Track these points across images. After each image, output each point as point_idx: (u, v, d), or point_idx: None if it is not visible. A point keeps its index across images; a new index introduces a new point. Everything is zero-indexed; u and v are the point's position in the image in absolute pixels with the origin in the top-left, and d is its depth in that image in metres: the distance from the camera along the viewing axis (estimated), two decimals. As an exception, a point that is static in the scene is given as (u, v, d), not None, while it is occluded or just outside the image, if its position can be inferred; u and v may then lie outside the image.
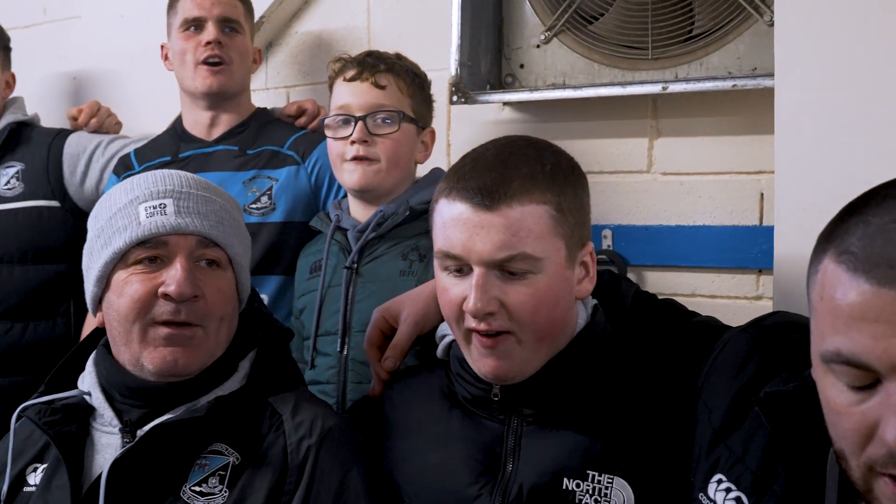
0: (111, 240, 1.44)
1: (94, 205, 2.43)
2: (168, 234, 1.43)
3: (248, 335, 1.55)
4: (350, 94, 2.00)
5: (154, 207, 1.44)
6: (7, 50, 2.62)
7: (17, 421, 1.48)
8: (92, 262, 1.48)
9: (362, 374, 1.92)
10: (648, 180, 2.18)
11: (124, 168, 2.41)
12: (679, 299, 1.60)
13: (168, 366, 1.42)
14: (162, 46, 2.40)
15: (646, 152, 2.18)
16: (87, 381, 1.50)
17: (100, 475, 1.39)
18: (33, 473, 1.47)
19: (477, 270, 1.35)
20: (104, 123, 2.63)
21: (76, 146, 2.55)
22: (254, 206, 2.25)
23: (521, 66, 2.29)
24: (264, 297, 2.22)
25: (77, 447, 1.45)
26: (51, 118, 2.74)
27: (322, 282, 2.04)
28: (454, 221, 1.37)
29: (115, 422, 1.45)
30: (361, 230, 2.01)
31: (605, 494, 1.35)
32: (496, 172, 1.36)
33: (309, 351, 2.05)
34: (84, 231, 2.44)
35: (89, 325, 2.43)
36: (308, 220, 2.21)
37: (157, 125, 2.57)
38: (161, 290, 1.41)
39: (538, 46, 2.26)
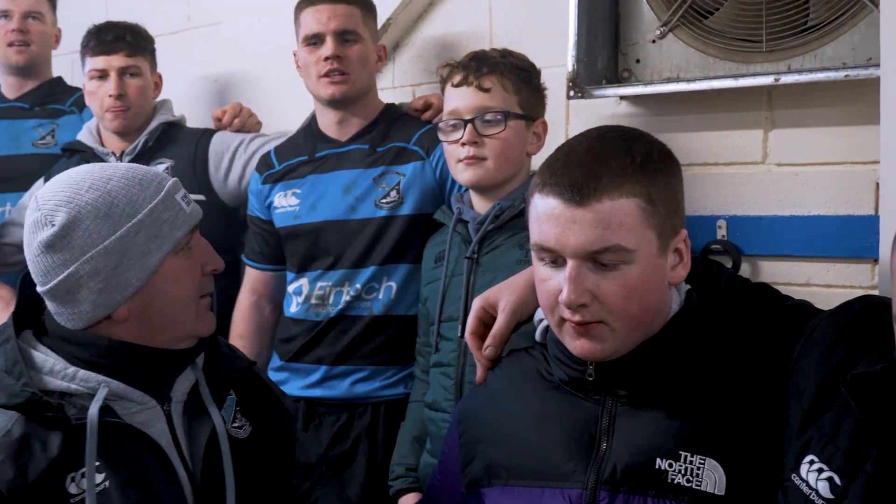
0: (161, 231, 1.52)
1: (237, 199, 2.64)
2: (198, 218, 1.61)
3: None
4: (458, 99, 2.10)
5: (184, 196, 1.59)
6: (153, 53, 2.79)
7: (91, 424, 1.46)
8: (130, 258, 1.50)
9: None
10: (763, 171, 2.19)
11: (266, 166, 2.56)
12: (793, 289, 1.63)
13: (213, 327, 1.63)
14: (294, 53, 2.53)
15: (760, 143, 2.19)
16: (81, 377, 1.49)
17: (177, 447, 1.55)
18: (73, 483, 1.43)
19: (570, 263, 1.39)
20: (245, 123, 2.80)
21: (220, 144, 2.72)
22: (383, 200, 2.38)
23: (637, 60, 2.34)
24: (392, 285, 2.37)
25: (128, 434, 1.49)
26: (195, 119, 2.92)
27: (445, 271, 2.15)
28: (547, 216, 1.41)
29: (146, 398, 1.54)
30: (481, 222, 2.11)
31: (697, 475, 1.37)
32: (586, 168, 1.39)
33: (434, 336, 2.16)
34: (226, 224, 2.65)
35: (236, 319, 2.62)
36: (434, 213, 2.32)
37: (293, 123, 2.73)
38: (209, 268, 1.60)
39: (654, 41, 2.30)
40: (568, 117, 2.47)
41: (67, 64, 3.41)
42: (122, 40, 2.69)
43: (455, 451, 1.65)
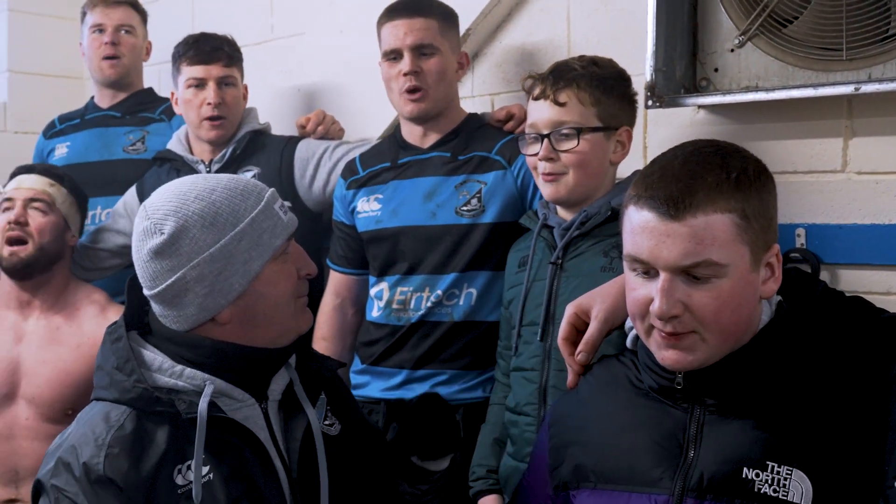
0: (261, 239, 1.60)
1: (322, 205, 2.70)
2: (294, 227, 1.68)
3: None
4: (536, 113, 2.12)
5: (281, 206, 1.67)
6: (241, 62, 2.87)
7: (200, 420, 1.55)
8: (234, 265, 1.58)
9: (563, 362, 2.04)
10: (843, 179, 2.19)
11: (350, 172, 2.62)
12: (873, 298, 1.62)
13: (306, 324, 1.71)
14: (380, 65, 2.57)
15: (840, 152, 2.19)
16: (187, 375, 1.58)
17: (272, 443, 1.63)
18: (179, 474, 1.52)
19: (663, 275, 1.43)
20: (329, 130, 2.86)
21: (305, 151, 2.78)
22: (465, 208, 2.42)
23: (716, 69, 2.34)
24: (473, 292, 2.41)
25: (231, 429, 1.58)
26: (279, 129, 2.99)
27: (528, 275, 2.18)
28: (641, 228, 1.45)
29: (246, 396, 1.62)
30: (566, 228, 2.12)
31: (784, 486, 1.39)
32: (682, 182, 1.42)
33: (515, 339, 2.19)
34: (312, 230, 2.72)
35: (320, 321, 2.68)
36: (515, 221, 2.35)
37: (375, 131, 2.79)
38: (305, 272, 1.68)
39: (732, 50, 2.30)
40: (646, 126, 2.49)
41: (155, 74, 3.52)
42: (221, 50, 2.77)
43: (545, 453, 1.69)
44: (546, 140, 2.09)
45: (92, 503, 1.48)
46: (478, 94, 2.84)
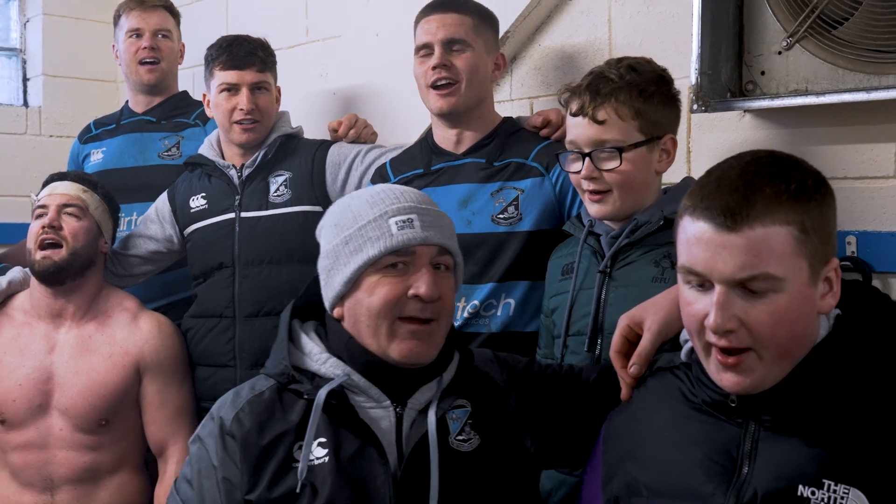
0: (363, 247, 1.67)
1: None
2: (417, 244, 1.67)
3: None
4: (575, 130, 2.04)
5: (404, 222, 1.68)
6: (274, 66, 2.83)
7: (322, 403, 1.66)
8: (339, 265, 1.70)
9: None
10: (894, 186, 2.13)
11: (381, 179, 2.56)
12: None
13: (413, 357, 1.68)
14: None
15: (893, 157, 2.12)
16: (330, 364, 1.70)
17: (402, 444, 1.67)
18: (299, 451, 1.64)
19: (718, 288, 1.38)
20: (361, 134, 2.81)
21: (337, 155, 2.74)
22: (501, 216, 2.36)
23: (762, 72, 2.28)
24: (511, 302, 2.36)
25: (355, 423, 1.66)
26: (313, 132, 2.94)
27: (574, 284, 2.11)
28: (697, 240, 1.41)
29: (383, 398, 1.69)
30: (615, 236, 2.06)
31: None
32: (739, 193, 1.38)
33: (559, 349, 2.13)
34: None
35: None
36: (553, 229, 2.30)
37: (411, 137, 2.75)
38: (412, 292, 1.66)
39: (780, 53, 2.24)
40: (689, 131, 2.43)
41: (188, 77, 3.51)
42: (254, 55, 2.73)
43: (598, 467, 1.65)
44: (588, 159, 2.02)
45: (219, 453, 1.66)
46: (516, 97, 2.80)
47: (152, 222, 2.92)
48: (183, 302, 2.97)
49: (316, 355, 1.72)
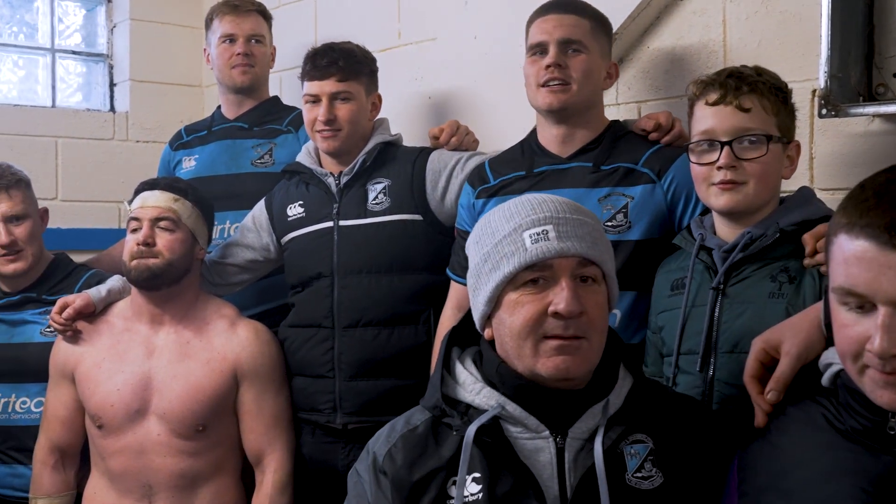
0: (499, 264, 1.60)
1: (454, 218, 2.60)
2: (552, 257, 1.57)
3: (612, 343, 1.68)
4: (713, 119, 1.96)
5: (538, 234, 1.58)
6: (372, 74, 2.77)
7: (472, 440, 1.57)
8: (480, 284, 1.64)
9: (727, 394, 1.92)
10: None
11: (479, 181, 2.48)
12: None
13: (561, 372, 1.56)
14: (524, 67, 2.45)
15: None
16: (484, 394, 1.62)
17: (566, 479, 1.56)
18: (453, 486, 1.57)
19: (883, 310, 1.29)
20: (463, 141, 2.74)
21: (438, 163, 2.66)
22: (609, 223, 2.26)
23: (894, 75, 2.17)
24: (617, 313, 2.26)
25: (510, 457, 1.57)
26: (407, 137, 2.87)
27: (685, 300, 2.02)
28: (857, 259, 1.32)
29: (542, 428, 1.59)
30: (728, 250, 1.97)
31: None
32: None
33: (670, 368, 2.05)
34: (443, 244, 2.61)
35: (440, 335, 2.56)
36: (662, 238, 2.21)
37: (512, 142, 2.66)
38: (551, 309, 1.55)
39: (914, 54, 2.14)
40: (812, 136, 2.31)
41: (275, 81, 3.46)
42: (335, 65, 2.66)
43: (733, 499, 1.57)
44: (727, 147, 1.94)
45: (373, 489, 1.62)
46: (623, 101, 2.70)
47: (249, 231, 2.88)
48: (277, 310, 2.93)
49: (469, 385, 1.64)
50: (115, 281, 2.79)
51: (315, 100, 2.68)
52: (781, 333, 1.63)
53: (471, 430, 1.56)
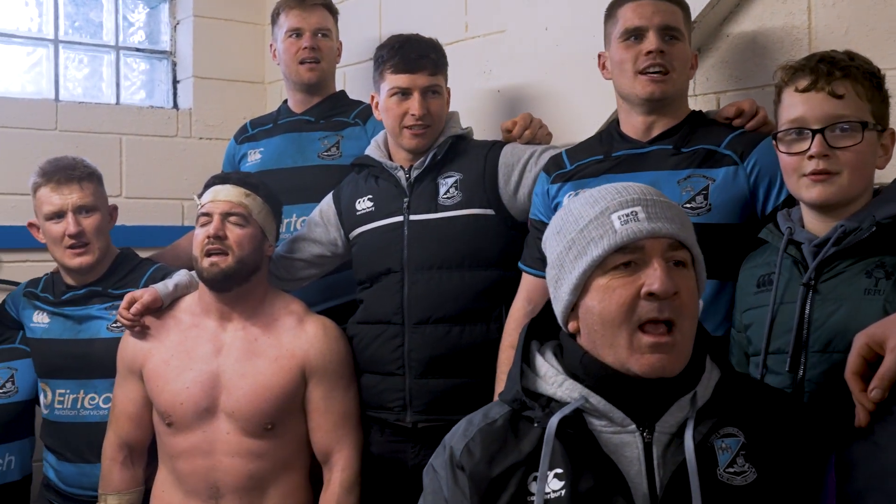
0: (586, 249, 1.54)
1: (526, 213, 2.54)
2: (644, 238, 1.52)
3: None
4: (804, 106, 1.89)
5: (627, 215, 1.54)
6: (446, 67, 2.72)
7: (555, 433, 1.52)
8: (564, 273, 1.59)
9: (820, 396, 1.83)
10: None
11: (556, 167, 2.42)
12: None
13: (657, 371, 1.51)
14: (599, 56, 2.39)
15: None
16: (567, 386, 1.57)
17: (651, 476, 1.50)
18: (534, 482, 1.51)
19: None
20: (536, 135, 2.67)
21: (511, 156, 2.61)
22: (688, 205, 2.18)
23: None
24: (700, 302, 2.17)
25: (594, 451, 1.51)
26: (475, 131, 2.81)
27: (773, 298, 1.95)
28: None
29: (627, 422, 1.53)
30: (819, 245, 1.89)
31: None
32: None
33: (758, 368, 1.96)
34: (516, 240, 2.55)
35: (508, 327, 2.50)
36: (744, 223, 2.14)
37: (585, 134, 2.59)
38: (644, 289, 1.50)
39: None
40: (903, 127, 2.22)
41: (339, 76, 3.43)
42: (427, 58, 2.63)
43: (832, 500, 1.52)
44: (819, 135, 1.86)
45: (449, 485, 1.57)
46: (701, 92, 2.62)
47: (316, 225, 2.85)
48: (342, 307, 2.89)
49: (551, 377, 1.59)
50: (181, 275, 2.78)
51: (404, 93, 2.63)
52: (886, 329, 1.54)
53: (553, 422, 1.51)
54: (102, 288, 2.89)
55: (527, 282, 2.49)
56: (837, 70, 1.86)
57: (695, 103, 2.57)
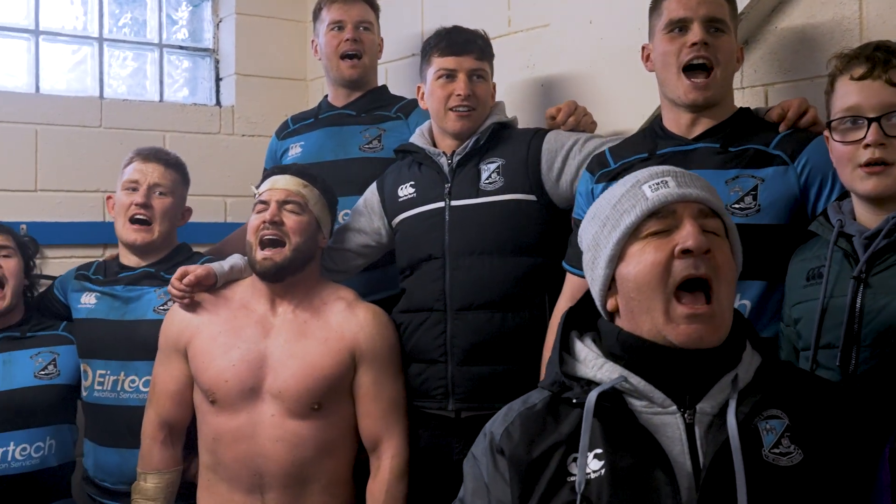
0: (619, 221, 1.58)
1: (569, 201, 2.52)
2: (674, 202, 1.55)
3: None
4: (860, 94, 1.86)
5: (657, 183, 1.57)
6: (492, 58, 2.73)
7: (593, 409, 1.51)
8: (600, 249, 1.61)
9: (871, 389, 1.79)
10: None
11: (599, 166, 2.39)
12: None
13: (694, 342, 1.51)
14: (643, 48, 2.36)
15: None
16: (606, 368, 1.57)
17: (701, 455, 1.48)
18: (573, 463, 1.51)
19: None
20: (581, 122, 2.66)
21: (554, 143, 2.59)
22: (736, 206, 2.15)
23: None
24: (746, 303, 2.14)
25: (634, 430, 1.50)
26: (521, 125, 2.80)
27: (823, 291, 1.91)
28: None
29: (668, 402, 1.52)
30: (870, 237, 1.86)
31: None
32: None
33: (808, 363, 1.93)
34: (558, 227, 2.53)
35: (553, 326, 2.47)
36: (794, 225, 2.10)
37: (629, 127, 2.57)
38: (679, 247, 1.51)
39: None
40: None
41: (381, 73, 3.41)
42: (474, 43, 2.65)
43: (885, 495, 1.49)
44: (875, 124, 1.83)
45: (489, 470, 1.58)
46: (748, 85, 2.58)
47: (360, 215, 2.86)
48: (382, 302, 2.86)
49: (591, 361, 1.60)
50: (236, 258, 2.80)
51: (449, 75, 2.64)
52: None
53: (591, 397, 1.50)
54: (156, 270, 2.95)
55: (571, 281, 2.46)
56: (895, 58, 1.84)
57: (742, 96, 2.54)
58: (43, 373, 2.95)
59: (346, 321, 2.61)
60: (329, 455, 2.60)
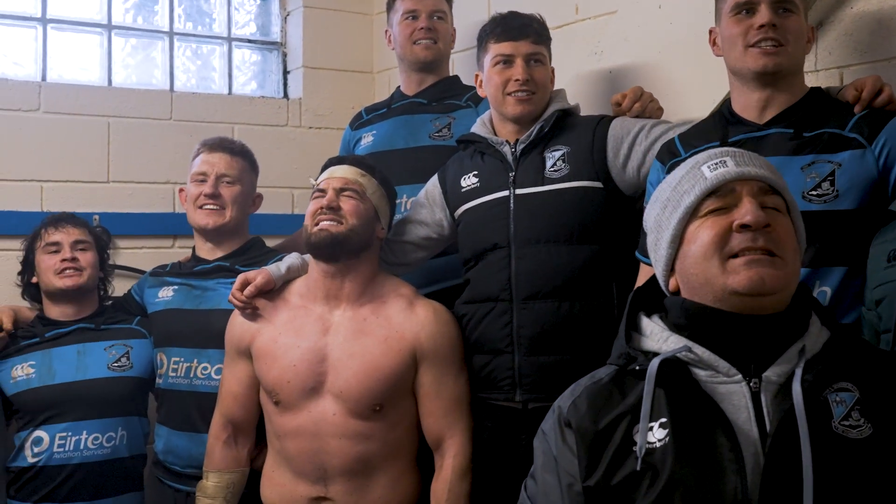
0: (680, 202, 1.60)
1: (635, 188, 2.48)
2: (733, 179, 1.57)
3: None
4: None
5: (716, 163, 1.59)
6: (549, 42, 2.70)
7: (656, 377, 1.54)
8: (662, 231, 1.64)
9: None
10: None
11: (670, 155, 2.35)
12: None
13: (756, 284, 1.50)
14: (710, 31, 2.32)
15: None
16: (672, 340, 1.58)
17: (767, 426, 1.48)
18: (639, 433, 1.51)
19: None
20: (647, 108, 2.63)
21: (620, 129, 2.56)
22: (813, 192, 2.10)
23: None
24: (826, 290, 2.09)
25: (699, 399, 1.51)
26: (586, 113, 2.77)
27: None
28: None
29: (733, 371, 1.52)
30: (953, 217, 1.81)
31: None
32: None
33: (888, 346, 1.88)
34: (625, 214, 2.50)
35: None
36: (874, 209, 2.05)
37: (698, 113, 2.52)
38: (737, 223, 1.52)
39: None
40: None
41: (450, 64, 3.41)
42: (530, 27, 2.63)
43: None
44: None
45: (558, 444, 1.60)
46: (822, 67, 2.51)
47: (422, 206, 2.84)
48: (446, 291, 2.87)
49: (657, 334, 1.62)
50: (293, 258, 2.80)
51: (507, 60, 2.62)
52: None
53: (654, 363, 1.53)
54: (230, 264, 2.99)
55: (645, 271, 2.41)
56: None
57: (816, 78, 2.48)
58: (116, 365, 3.01)
59: (406, 320, 2.59)
60: (392, 451, 2.60)
